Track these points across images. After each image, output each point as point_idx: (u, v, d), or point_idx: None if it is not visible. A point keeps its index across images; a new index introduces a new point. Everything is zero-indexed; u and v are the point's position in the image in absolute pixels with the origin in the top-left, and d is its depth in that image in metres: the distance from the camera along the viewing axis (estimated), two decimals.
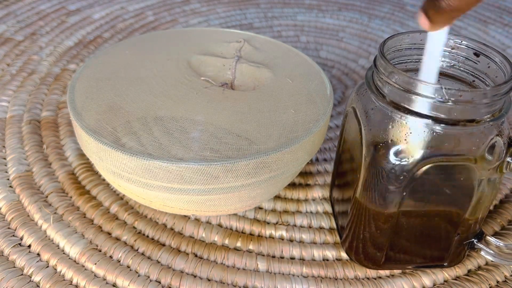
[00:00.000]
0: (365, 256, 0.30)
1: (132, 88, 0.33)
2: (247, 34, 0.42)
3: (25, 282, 0.30)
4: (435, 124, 0.24)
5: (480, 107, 0.24)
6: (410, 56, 0.29)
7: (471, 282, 0.31)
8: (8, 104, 0.45)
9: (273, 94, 0.34)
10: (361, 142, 0.27)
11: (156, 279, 0.30)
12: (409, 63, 0.29)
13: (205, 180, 0.28)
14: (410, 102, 0.24)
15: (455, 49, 0.28)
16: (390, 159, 0.25)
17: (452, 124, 0.24)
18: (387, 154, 0.26)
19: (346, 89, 0.52)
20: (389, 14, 0.71)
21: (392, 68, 0.24)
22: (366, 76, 0.28)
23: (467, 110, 0.24)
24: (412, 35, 0.28)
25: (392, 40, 0.27)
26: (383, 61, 0.25)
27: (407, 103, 0.24)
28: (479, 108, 0.24)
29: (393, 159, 0.25)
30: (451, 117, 0.24)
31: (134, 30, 0.62)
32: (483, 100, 0.23)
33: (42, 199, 0.35)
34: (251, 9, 0.70)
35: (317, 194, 0.37)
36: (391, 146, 0.25)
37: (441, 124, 0.24)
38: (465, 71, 0.28)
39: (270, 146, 0.29)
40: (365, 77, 0.28)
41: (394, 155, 0.25)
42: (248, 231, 0.34)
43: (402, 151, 0.25)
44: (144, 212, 0.35)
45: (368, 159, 0.27)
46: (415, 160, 0.25)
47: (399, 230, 0.28)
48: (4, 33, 0.58)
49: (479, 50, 0.27)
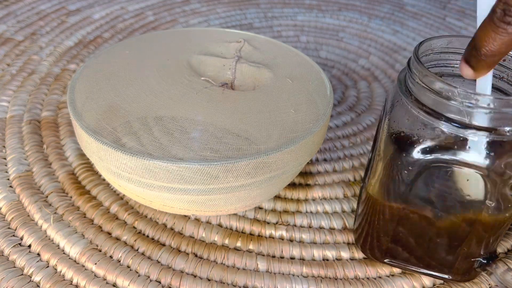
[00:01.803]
0: (370, 247, 0.31)
1: (132, 88, 0.33)
2: (247, 34, 0.42)
3: (25, 282, 0.30)
4: (453, 126, 0.24)
5: (500, 117, 0.23)
6: (445, 60, 0.28)
7: (471, 282, 0.31)
8: (8, 104, 0.45)
9: (273, 94, 0.34)
10: (377, 131, 0.28)
11: (156, 279, 0.30)
12: (444, 67, 0.29)
13: (205, 180, 0.28)
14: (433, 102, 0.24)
15: (505, 61, 0.27)
16: (404, 153, 0.26)
17: (468, 127, 0.23)
18: (402, 148, 0.26)
19: (346, 89, 0.52)
20: (389, 14, 0.71)
21: (426, 71, 0.24)
22: (399, 77, 0.28)
23: (485, 118, 0.23)
24: (449, 39, 0.28)
25: (427, 43, 0.27)
26: (418, 64, 0.25)
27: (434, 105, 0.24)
28: (499, 118, 0.23)
29: (407, 154, 0.25)
30: (470, 122, 0.23)
31: (134, 30, 0.62)
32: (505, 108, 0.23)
33: (42, 199, 0.35)
34: (251, 9, 0.70)
35: (317, 194, 0.37)
36: (407, 141, 0.25)
37: (459, 127, 0.24)
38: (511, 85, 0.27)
39: (270, 146, 0.29)
40: (397, 78, 0.28)
41: (408, 150, 0.25)
42: (248, 231, 0.34)
43: (417, 147, 0.25)
44: (144, 212, 0.35)
45: (384, 149, 0.27)
46: (427, 159, 0.25)
47: (404, 227, 0.29)
48: (4, 33, 0.58)
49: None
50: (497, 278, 0.29)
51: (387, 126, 0.27)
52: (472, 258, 0.29)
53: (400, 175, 0.26)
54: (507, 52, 0.21)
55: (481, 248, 0.28)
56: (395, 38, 0.64)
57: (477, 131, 0.23)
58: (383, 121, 0.28)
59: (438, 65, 0.28)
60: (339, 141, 0.44)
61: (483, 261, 0.29)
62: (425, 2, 0.77)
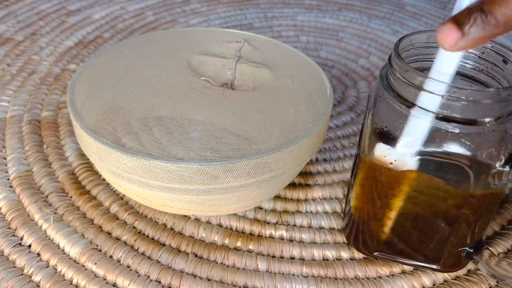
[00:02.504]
0: (362, 241, 0.31)
1: (132, 88, 0.33)
2: (247, 34, 0.42)
3: (25, 282, 0.30)
4: (434, 119, 0.24)
5: (481, 108, 0.23)
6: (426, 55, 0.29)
7: (471, 282, 0.31)
8: (8, 104, 0.45)
9: (273, 94, 0.34)
10: (362, 127, 0.28)
11: (156, 279, 0.30)
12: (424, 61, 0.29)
13: (205, 180, 0.28)
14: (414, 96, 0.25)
15: (485, 54, 0.28)
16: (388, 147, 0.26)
17: (451, 121, 0.24)
18: (386, 143, 0.26)
19: (346, 89, 0.52)
20: (389, 14, 0.71)
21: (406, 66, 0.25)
22: (381, 73, 0.28)
23: (466, 109, 0.23)
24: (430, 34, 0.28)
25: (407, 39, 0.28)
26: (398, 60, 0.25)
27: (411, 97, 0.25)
28: (480, 109, 0.23)
29: (391, 148, 0.26)
30: (451, 114, 0.24)
31: (134, 30, 0.62)
32: (485, 100, 0.23)
33: (42, 199, 0.35)
34: (251, 9, 0.70)
35: (317, 194, 0.37)
36: (390, 135, 0.26)
37: (440, 120, 0.24)
38: (491, 77, 0.28)
39: (270, 146, 0.29)
40: (379, 74, 0.28)
41: (391, 144, 0.26)
42: (248, 231, 0.34)
43: (399, 141, 0.26)
44: (144, 212, 0.35)
45: (368, 144, 0.27)
46: (411, 152, 0.25)
47: (392, 220, 0.29)
48: (4, 33, 0.58)
49: (507, 57, 0.27)
50: (483, 266, 0.29)
51: (370, 121, 0.27)
52: (459, 248, 0.29)
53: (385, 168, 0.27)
54: None
55: (468, 237, 0.29)
56: (395, 38, 0.64)
57: (458, 124, 0.24)
58: (366, 116, 0.28)
59: (419, 59, 0.29)
60: (339, 141, 0.44)
61: (470, 250, 0.30)
62: (425, 2, 0.77)
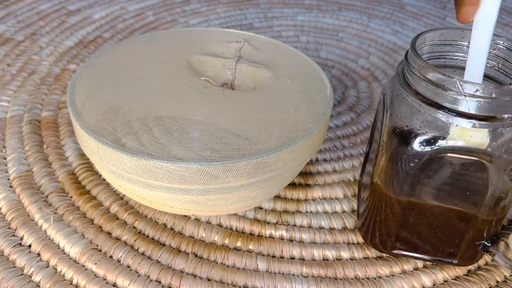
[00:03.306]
0: (379, 239, 0.31)
1: (132, 88, 0.33)
2: (247, 34, 0.42)
3: (25, 282, 0.30)
4: (454, 116, 0.24)
5: (500, 105, 0.23)
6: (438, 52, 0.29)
7: (471, 282, 0.31)
8: (8, 104, 0.45)
9: (273, 94, 0.34)
10: (381, 126, 0.28)
11: (156, 279, 0.30)
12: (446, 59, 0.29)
13: (205, 180, 0.28)
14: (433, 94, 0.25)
15: (496, 50, 0.28)
16: (408, 145, 0.26)
17: (470, 118, 0.24)
18: (405, 141, 0.26)
19: (346, 89, 0.52)
20: (389, 14, 0.71)
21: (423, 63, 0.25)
22: (397, 70, 0.28)
23: (485, 107, 0.24)
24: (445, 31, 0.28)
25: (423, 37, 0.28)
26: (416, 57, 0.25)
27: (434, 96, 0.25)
28: (498, 106, 0.24)
29: (411, 146, 0.26)
30: (470, 111, 0.24)
31: (134, 30, 0.62)
32: (505, 97, 0.23)
33: (42, 199, 0.35)
34: (251, 9, 0.70)
35: (317, 194, 0.37)
36: (410, 133, 0.26)
37: (460, 117, 0.24)
38: (503, 73, 0.28)
39: (270, 146, 0.29)
40: (395, 71, 0.28)
41: (412, 142, 0.26)
42: (248, 231, 0.34)
43: (420, 139, 0.26)
44: (144, 212, 0.35)
45: (387, 143, 0.27)
46: (431, 150, 0.25)
47: (411, 217, 0.29)
48: (4, 33, 0.58)
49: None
50: (500, 258, 0.29)
51: (388, 120, 0.27)
52: (476, 241, 0.30)
53: (405, 167, 0.27)
54: None
55: (485, 231, 0.29)
56: (395, 38, 0.64)
57: (477, 120, 0.24)
58: (384, 116, 0.28)
59: (431, 57, 0.29)
60: (339, 141, 0.44)
61: (487, 244, 0.30)
62: (425, 2, 0.77)
